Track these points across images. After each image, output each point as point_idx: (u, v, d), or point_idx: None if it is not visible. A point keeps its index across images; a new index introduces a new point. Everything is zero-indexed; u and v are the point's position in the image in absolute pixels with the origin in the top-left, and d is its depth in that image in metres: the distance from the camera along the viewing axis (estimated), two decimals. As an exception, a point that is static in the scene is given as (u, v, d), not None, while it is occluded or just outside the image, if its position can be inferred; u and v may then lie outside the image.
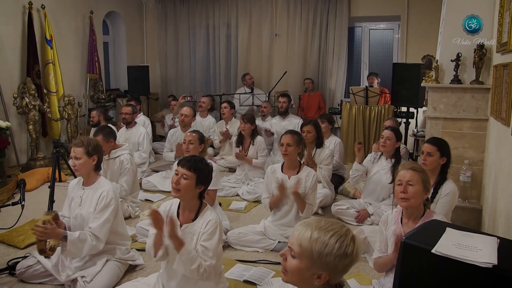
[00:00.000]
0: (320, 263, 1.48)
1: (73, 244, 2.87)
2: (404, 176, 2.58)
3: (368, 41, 8.66)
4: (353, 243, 1.51)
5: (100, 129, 4.51)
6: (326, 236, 1.49)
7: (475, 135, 4.25)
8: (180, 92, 9.47)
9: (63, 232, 2.86)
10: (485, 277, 1.39)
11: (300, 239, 1.51)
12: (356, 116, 6.85)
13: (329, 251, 1.47)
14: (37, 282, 3.12)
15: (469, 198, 4.26)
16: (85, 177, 3.17)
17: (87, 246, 2.93)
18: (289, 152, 3.73)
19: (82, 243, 2.91)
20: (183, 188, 2.54)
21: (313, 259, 1.48)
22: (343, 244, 1.48)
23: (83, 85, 7.86)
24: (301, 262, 1.51)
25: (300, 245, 1.51)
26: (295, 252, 1.52)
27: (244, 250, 3.81)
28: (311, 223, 1.55)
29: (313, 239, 1.49)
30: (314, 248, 1.48)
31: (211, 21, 9.33)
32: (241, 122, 5.61)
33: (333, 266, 1.48)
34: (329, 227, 1.52)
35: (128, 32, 9.32)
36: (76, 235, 2.89)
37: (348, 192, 5.28)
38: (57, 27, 7.09)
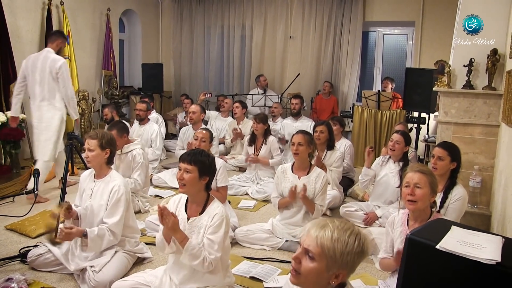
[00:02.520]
0: (341, 262, 1.51)
1: (93, 241, 2.97)
2: (412, 178, 2.59)
3: (382, 46, 8.65)
4: (365, 241, 1.56)
5: (114, 124, 4.58)
6: (345, 235, 1.53)
7: (486, 140, 4.24)
8: (194, 91, 9.57)
9: (83, 230, 2.96)
10: (488, 273, 1.40)
11: (320, 240, 1.53)
12: (368, 120, 6.85)
13: (350, 249, 1.51)
14: (47, 270, 3.19)
15: (479, 204, 4.24)
16: (97, 169, 3.23)
17: (106, 241, 3.03)
18: (300, 151, 3.76)
19: (101, 239, 3.00)
20: (187, 182, 2.59)
21: (335, 259, 1.51)
22: (360, 242, 1.53)
23: (97, 81, 7.95)
24: (320, 263, 1.53)
25: (321, 246, 1.52)
26: (314, 253, 1.53)
27: (251, 247, 3.84)
28: (327, 224, 1.57)
29: (334, 239, 1.52)
30: (337, 247, 1.51)
31: (226, 21, 9.39)
32: (254, 122, 5.66)
33: (351, 264, 1.53)
34: (344, 226, 1.56)
35: (143, 30, 9.42)
36: (95, 232, 2.98)
37: (357, 195, 5.28)
38: (74, 23, 7.21)
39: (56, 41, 4.97)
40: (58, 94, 4.88)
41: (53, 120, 4.90)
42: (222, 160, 4.33)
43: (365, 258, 1.56)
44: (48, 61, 4.81)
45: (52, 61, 4.81)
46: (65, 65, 4.88)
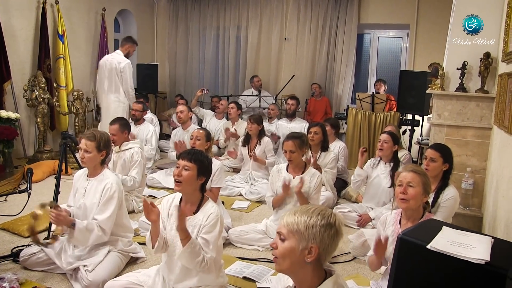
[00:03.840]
0: (308, 235, 1.60)
1: (80, 232, 2.95)
2: (405, 177, 2.62)
3: (377, 48, 8.69)
4: (335, 216, 1.65)
5: (118, 119, 4.67)
6: (309, 212, 1.64)
7: (479, 143, 4.27)
8: (189, 92, 9.56)
9: (72, 220, 2.97)
10: (477, 273, 1.42)
11: (286, 222, 1.65)
12: (362, 122, 6.88)
13: (314, 222, 1.61)
14: (40, 269, 3.18)
15: (471, 205, 4.27)
16: (91, 169, 3.24)
17: (94, 236, 3.01)
18: (294, 158, 3.78)
19: (89, 233, 2.99)
20: (184, 179, 2.59)
21: (301, 233, 1.60)
22: (325, 215, 1.63)
23: (92, 80, 7.93)
24: (290, 242, 1.62)
25: (287, 225, 1.63)
26: (284, 234, 1.64)
27: (244, 248, 3.85)
28: (296, 210, 1.69)
29: (297, 215, 1.63)
30: (300, 221, 1.61)
31: (222, 22, 9.40)
32: (249, 123, 5.67)
33: (319, 236, 1.60)
34: (311, 208, 1.67)
35: (139, 30, 9.40)
36: (84, 224, 2.98)
37: (351, 196, 5.30)
38: (69, 22, 7.19)
39: (125, 45, 6.17)
40: (122, 89, 6.06)
41: (118, 109, 6.05)
42: (220, 162, 4.33)
43: (338, 233, 1.64)
44: (115, 61, 6.02)
45: (117, 62, 6.02)
46: (128, 66, 6.05)
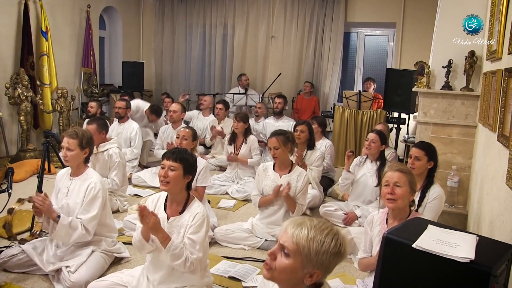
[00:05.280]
0: (316, 261, 1.49)
1: (63, 228, 2.89)
2: (392, 177, 2.60)
3: (363, 47, 8.72)
4: (344, 242, 1.54)
5: (95, 119, 4.57)
6: (322, 235, 1.50)
7: (464, 141, 4.29)
8: (175, 90, 9.50)
9: (57, 212, 2.90)
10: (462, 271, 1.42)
11: (296, 238, 1.51)
12: (348, 120, 6.89)
13: (325, 249, 1.49)
14: (21, 271, 3.10)
15: (456, 203, 4.30)
16: (74, 168, 3.18)
17: (76, 234, 2.95)
18: (278, 154, 3.76)
19: (72, 230, 2.93)
20: (171, 179, 2.56)
21: (310, 257, 1.49)
22: (337, 243, 1.51)
23: (77, 78, 7.85)
24: (295, 261, 1.51)
25: (296, 244, 1.50)
26: (290, 250, 1.51)
27: (230, 247, 3.82)
28: (304, 222, 1.55)
29: (310, 237, 1.50)
30: (312, 246, 1.49)
31: (208, 20, 9.35)
32: (235, 121, 5.63)
33: (327, 264, 1.50)
34: (322, 225, 1.54)
35: (124, 27, 9.32)
36: (69, 220, 2.92)
37: (337, 194, 5.30)
38: (53, 19, 7.09)
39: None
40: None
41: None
42: (205, 161, 4.30)
43: (342, 260, 1.54)
44: None
45: None
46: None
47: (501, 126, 2.71)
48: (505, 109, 2.63)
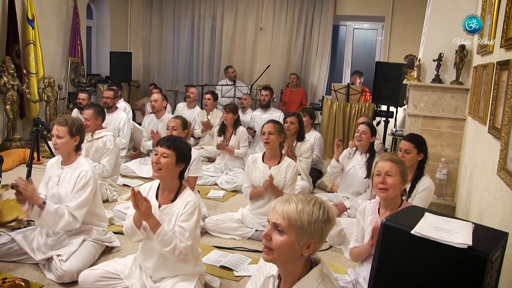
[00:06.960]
0: (310, 231, 1.56)
1: (49, 215, 2.85)
2: (383, 167, 2.63)
3: (352, 40, 8.74)
4: (330, 209, 1.63)
5: (92, 105, 4.59)
6: (309, 205, 1.58)
7: (453, 134, 4.35)
8: (162, 81, 9.44)
9: (42, 199, 2.85)
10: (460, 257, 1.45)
11: (286, 213, 1.57)
12: (337, 113, 6.93)
13: (316, 218, 1.56)
14: (10, 260, 3.06)
15: (444, 195, 4.36)
16: (65, 156, 3.15)
17: (63, 222, 2.91)
18: (271, 140, 3.77)
19: (58, 217, 2.89)
20: (164, 166, 2.55)
21: (304, 229, 1.56)
22: (325, 210, 1.59)
23: (64, 68, 7.72)
24: (290, 235, 1.57)
25: (288, 219, 1.57)
26: (283, 226, 1.57)
27: (221, 237, 3.82)
28: (290, 198, 1.63)
29: (300, 210, 1.57)
30: (303, 218, 1.56)
31: (197, 11, 9.29)
32: (224, 112, 5.62)
33: (320, 232, 1.57)
34: (307, 198, 1.63)
35: (112, 17, 9.20)
36: (55, 207, 2.88)
37: (326, 186, 5.33)
38: (39, 7, 6.95)
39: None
40: None
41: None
42: (198, 151, 4.29)
43: (333, 225, 1.63)
44: None
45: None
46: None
47: (492, 119, 2.75)
48: (496, 102, 2.67)
